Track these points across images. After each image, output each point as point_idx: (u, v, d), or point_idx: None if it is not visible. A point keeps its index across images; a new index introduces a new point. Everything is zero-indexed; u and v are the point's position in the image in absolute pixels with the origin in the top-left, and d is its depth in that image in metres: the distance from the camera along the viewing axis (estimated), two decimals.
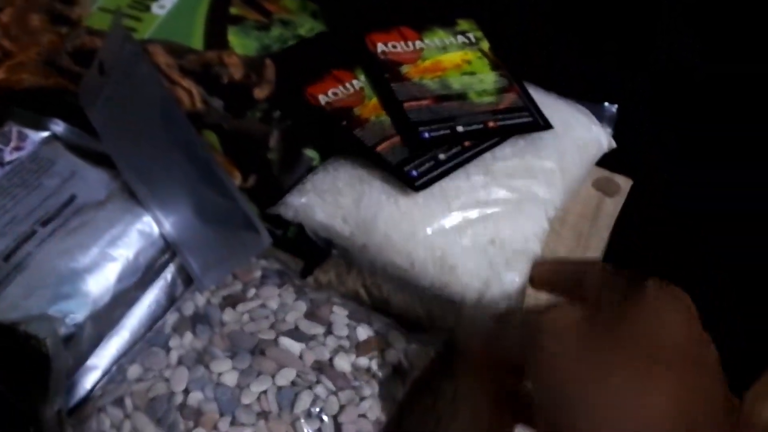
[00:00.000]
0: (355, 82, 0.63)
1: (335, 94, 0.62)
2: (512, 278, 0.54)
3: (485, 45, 0.65)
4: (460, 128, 0.57)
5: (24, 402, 0.45)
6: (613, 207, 0.67)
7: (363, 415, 0.52)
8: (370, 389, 0.53)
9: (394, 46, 0.63)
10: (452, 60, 0.63)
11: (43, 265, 0.54)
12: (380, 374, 0.53)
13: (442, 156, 0.57)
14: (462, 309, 0.54)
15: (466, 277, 0.54)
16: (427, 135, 0.56)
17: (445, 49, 0.64)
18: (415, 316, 0.58)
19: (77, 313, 0.53)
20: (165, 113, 0.50)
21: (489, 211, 0.56)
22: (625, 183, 0.69)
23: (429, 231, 0.55)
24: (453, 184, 0.56)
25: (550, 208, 0.57)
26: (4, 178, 0.60)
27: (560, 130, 0.60)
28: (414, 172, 0.56)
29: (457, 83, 0.61)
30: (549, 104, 0.62)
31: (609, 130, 0.65)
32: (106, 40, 0.53)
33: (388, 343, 0.55)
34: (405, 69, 0.61)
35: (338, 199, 0.57)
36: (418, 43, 0.64)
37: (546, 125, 0.60)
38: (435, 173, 0.56)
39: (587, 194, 0.68)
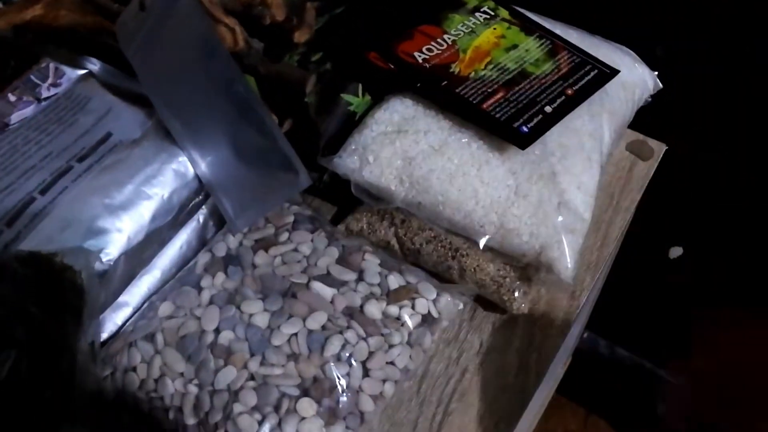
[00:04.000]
0: (446, 36, 0.61)
1: (430, 50, 0.60)
2: (570, 247, 0.54)
3: (505, 13, 0.63)
4: (548, 108, 0.55)
5: (59, 333, 0.45)
6: (646, 170, 0.67)
7: (391, 363, 0.52)
8: (399, 337, 0.53)
9: (430, 50, 0.60)
10: (488, 40, 0.61)
11: (79, 200, 0.54)
12: (410, 323, 0.53)
13: (548, 108, 0.56)
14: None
15: (526, 237, 0.53)
16: (525, 129, 0.55)
17: (473, 32, 0.62)
18: (446, 269, 0.58)
19: (111, 249, 0.53)
20: (206, 50, 0.50)
21: (549, 168, 0.55)
22: (659, 147, 0.68)
23: (488, 188, 0.54)
24: None
25: (603, 155, 0.57)
26: (40, 114, 0.60)
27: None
28: (524, 128, 0.54)
29: (509, 62, 0.59)
30: (591, 47, 0.61)
31: (654, 72, 0.63)
32: None
33: (419, 293, 0.55)
34: (455, 68, 0.59)
35: (391, 160, 0.56)
36: (446, 37, 0.61)
37: (613, 72, 0.59)
38: (543, 127, 0.54)
39: (620, 156, 0.67)
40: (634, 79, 0.62)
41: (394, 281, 0.55)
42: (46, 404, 0.43)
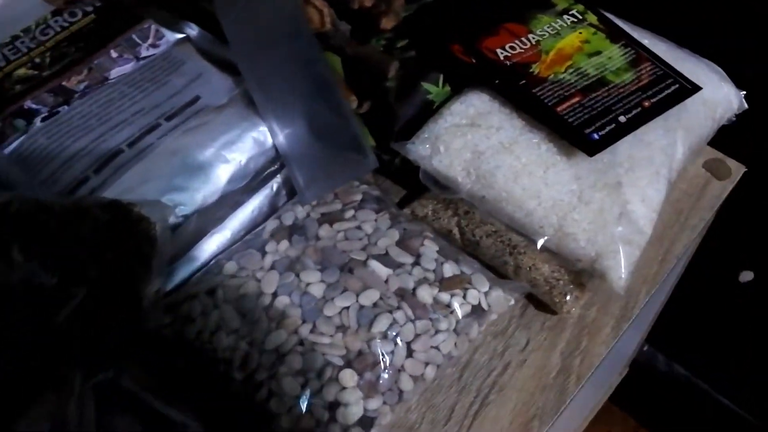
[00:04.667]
0: (531, 36, 0.61)
1: (512, 48, 0.61)
2: (626, 258, 0.54)
3: (593, 17, 0.63)
4: (622, 118, 0.56)
5: (128, 277, 0.49)
6: (720, 190, 0.66)
7: (436, 347, 0.54)
8: (447, 324, 0.54)
9: (513, 48, 0.61)
10: (571, 44, 0.61)
11: (162, 157, 0.57)
12: (459, 312, 0.55)
13: (622, 118, 0.56)
14: None
15: (583, 242, 0.54)
16: (596, 136, 0.55)
17: (558, 34, 0.62)
18: (502, 263, 0.59)
19: (186, 205, 0.56)
20: (293, 28, 0.52)
21: (615, 178, 0.55)
22: (737, 168, 0.67)
23: (551, 190, 0.55)
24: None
25: (673, 171, 0.57)
26: (137, 72, 0.64)
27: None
28: (595, 135, 0.55)
29: (590, 68, 0.59)
30: (676, 61, 0.60)
31: (741, 92, 0.62)
32: None
33: (472, 283, 0.56)
34: (535, 69, 0.59)
35: (461, 152, 0.58)
36: (530, 37, 0.62)
37: (694, 88, 0.58)
38: (614, 137, 0.55)
39: (695, 173, 0.67)
40: (718, 98, 0.61)
41: (449, 269, 0.56)
42: (108, 341, 0.46)
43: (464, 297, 0.55)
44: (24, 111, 0.60)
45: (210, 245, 0.60)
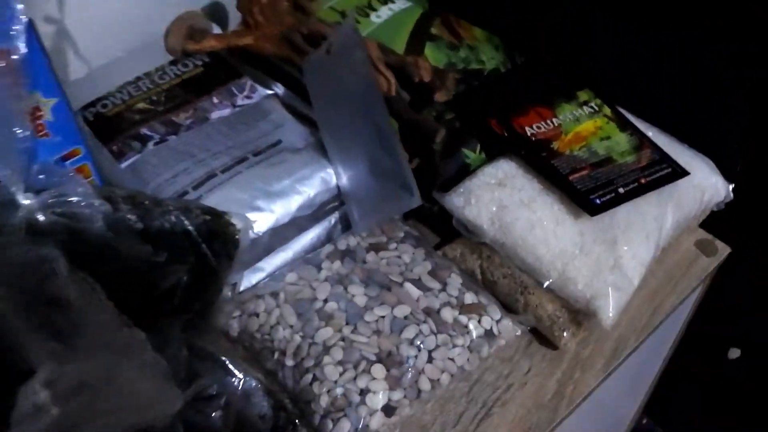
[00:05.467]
0: (554, 119, 0.75)
1: (539, 127, 0.74)
2: (615, 301, 0.66)
3: (607, 110, 0.76)
4: (621, 190, 0.69)
5: (215, 269, 0.62)
6: (707, 264, 0.77)
7: (452, 359, 0.65)
8: (463, 341, 0.66)
9: (539, 127, 0.74)
10: (588, 129, 0.75)
11: (247, 183, 0.71)
12: (473, 333, 0.66)
13: (621, 190, 0.69)
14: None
15: (581, 286, 0.66)
16: (598, 201, 0.68)
17: (578, 120, 0.75)
18: (514, 301, 0.71)
19: (262, 223, 0.69)
20: (366, 91, 0.66)
21: (612, 237, 0.68)
22: (723, 249, 0.78)
23: (559, 242, 0.68)
24: None
25: (662, 237, 0.69)
26: (232, 115, 0.78)
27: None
28: (598, 200, 0.68)
29: (600, 148, 0.73)
30: (674, 151, 0.73)
31: (729, 184, 0.75)
32: (337, 29, 0.70)
33: (487, 311, 0.68)
34: (555, 145, 0.73)
35: (488, 205, 0.71)
36: (554, 120, 0.75)
37: (684, 172, 0.71)
38: (613, 203, 0.68)
39: (687, 248, 0.78)
40: (706, 184, 0.73)
41: (469, 298, 0.68)
42: (192, 315, 0.59)
43: (479, 321, 0.67)
44: (140, 136, 0.75)
45: (276, 260, 0.73)
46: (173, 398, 0.47)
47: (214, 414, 0.50)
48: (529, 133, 0.73)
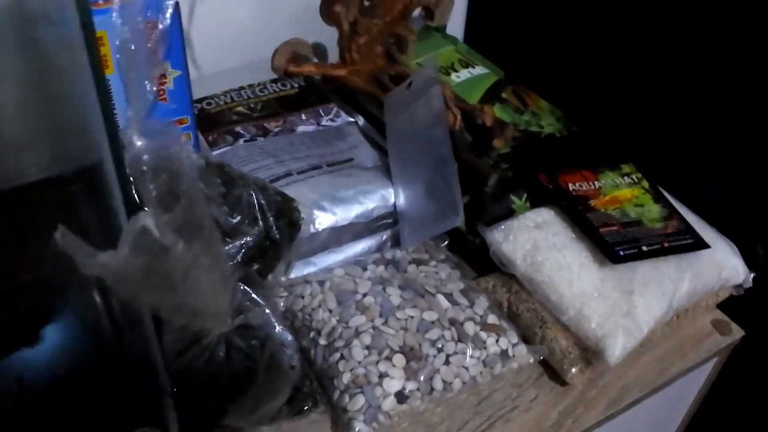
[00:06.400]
0: (596, 182, 0.84)
1: (581, 186, 0.83)
2: (623, 343, 0.72)
3: (645, 184, 0.84)
4: (644, 248, 0.77)
5: (278, 240, 0.71)
6: (719, 341, 0.83)
7: (466, 367, 0.72)
8: (479, 354, 0.73)
9: (581, 185, 0.83)
10: (624, 195, 0.83)
11: (317, 185, 0.81)
12: (490, 349, 0.73)
13: (644, 248, 0.77)
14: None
15: (594, 325, 0.73)
16: (622, 253, 0.76)
17: (617, 186, 0.84)
18: (532, 333, 0.78)
19: (324, 221, 0.79)
20: (435, 122, 0.76)
21: (629, 288, 0.75)
22: (737, 331, 0.84)
23: (581, 284, 0.75)
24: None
25: (676, 298, 0.75)
26: (315, 132, 0.89)
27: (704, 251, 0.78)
28: (621, 252, 0.76)
29: (633, 212, 0.81)
30: (700, 228, 0.80)
31: (750, 273, 0.81)
32: (419, 69, 0.81)
33: (506, 334, 0.75)
34: (592, 202, 0.81)
35: (524, 243, 0.79)
36: (596, 182, 0.84)
37: (705, 245, 0.78)
38: (635, 257, 0.75)
39: (703, 324, 0.84)
40: (725, 263, 0.80)
41: (492, 319, 0.75)
42: (252, 271, 0.68)
43: (497, 341, 0.74)
44: (234, 132, 0.86)
45: (328, 259, 0.82)
46: (226, 315, 0.56)
47: (253, 342, 0.58)
48: (570, 189, 0.81)
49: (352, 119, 0.93)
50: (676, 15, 0.89)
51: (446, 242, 0.85)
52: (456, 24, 1.10)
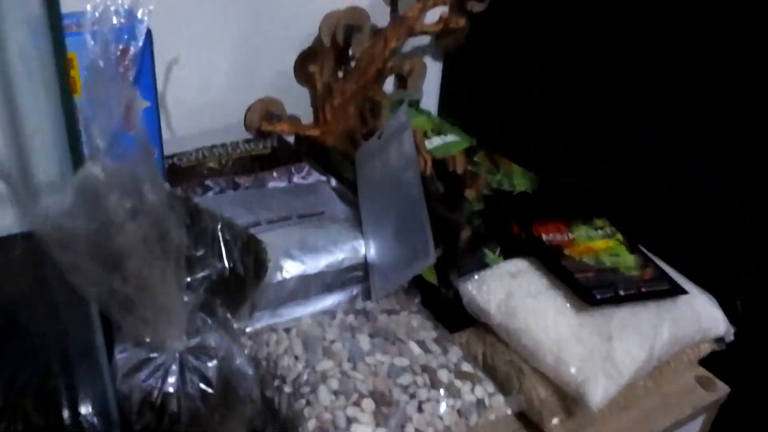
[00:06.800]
0: (569, 234, 0.83)
1: (554, 236, 0.82)
2: (604, 387, 0.69)
3: (620, 236, 0.84)
4: (621, 292, 0.75)
5: (242, 279, 0.68)
6: (703, 397, 0.79)
7: (440, 417, 0.68)
8: (453, 402, 0.69)
9: (554, 236, 0.83)
10: (599, 246, 0.82)
11: (287, 235, 0.79)
12: (465, 398, 0.70)
13: (621, 292, 0.75)
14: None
15: (574, 370, 0.70)
16: (598, 296, 0.74)
17: (591, 238, 0.83)
18: (510, 385, 0.74)
19: (291, 269, 0.77)
20: (406, 165, 0.75)
21: (607, 333, 0.72)
22: (722, 388, 0.81)
23: (558, 330, 0.72)
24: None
25: (656, 345, 0.73)
26: (287, 188, 0.88)
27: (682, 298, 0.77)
28: (598, 295, 0.73)
29: (608, 261, 0.79)
30: (682, 282, 0.79)
31: (731, 327, 0.79)
32: (391, 117, 0.81)
33: (481, 384, 0.71)
34: (567, 251, 0.80)
35: (498, 293, 0.77)
36: (570, 234, 0.83)
37: (682, 291, 0.76)
38: (612, 301, 0.74)
39: (688, 381, 0.81)
40: (705, 312, 0.78)
41: (467, 367, 0.72)
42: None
43: (472, 390, 0.70)
44: (203, 185, 0.85)
45: (296, 311, 0.79)
46: (181, 330, 0.52)
47: (209, 363, 0.55)
48: (544, 239, 0.80)
49: (323, 177, 0.92)
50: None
51: (419, 298, 0.82)
52: (430, 97, 1.12)
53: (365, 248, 0.81)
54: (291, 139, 0.98)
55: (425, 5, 0.96)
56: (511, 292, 0.76)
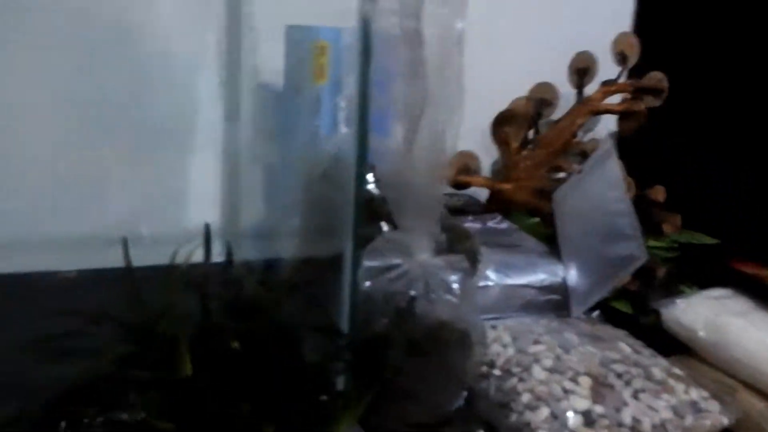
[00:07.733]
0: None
1: (753, 271, 0.83)
2: None
3: None
4: None
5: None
6: None
7: (655, 409, 0.67)
8: (668, 397, 0.67)
9: (752, 270, 0.83)
10: None
11: (490, 255, 0.83)
12: (681, 395, 0.68)
13: None
14: None
15: None
16: None
17: None
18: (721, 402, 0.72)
19: (495, 278, 0.80)
20: (612, 186, 0.80)
21: None
22: None
23: None
24: None
25: None
26: (482, 229, 0.93)
27: None
28: None
29: None
30: None
31: None
32: (597, 150, 0.86)
33: (695, 387, 0.69)
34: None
35: (704, 313, 0.77)
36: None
37: None
38: None
39: None
40: None
41: (677, 371, 0.71)
42: None
43: (686, 391, 0.69)
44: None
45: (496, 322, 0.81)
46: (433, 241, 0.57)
47: (453, 276, 0.58)
48: (743, 270, 0.81)
49: (516, 226, 0.96)
50: None
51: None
52: None
53: (564, 271, 0.84)
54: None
55: (608, 90, 1.04)
56: (717, 311, 0.76)
